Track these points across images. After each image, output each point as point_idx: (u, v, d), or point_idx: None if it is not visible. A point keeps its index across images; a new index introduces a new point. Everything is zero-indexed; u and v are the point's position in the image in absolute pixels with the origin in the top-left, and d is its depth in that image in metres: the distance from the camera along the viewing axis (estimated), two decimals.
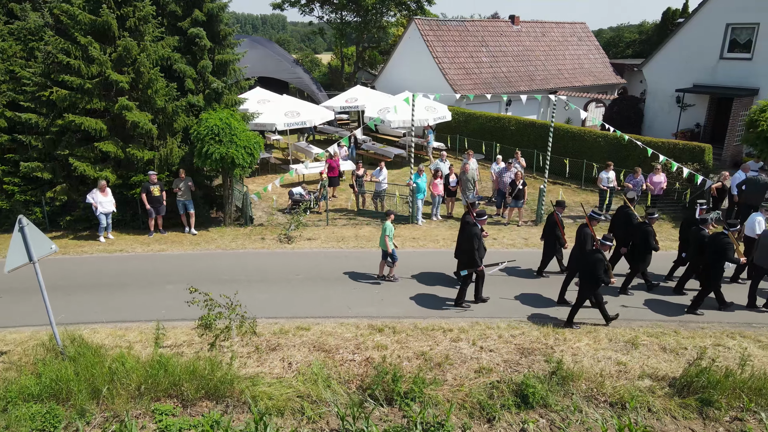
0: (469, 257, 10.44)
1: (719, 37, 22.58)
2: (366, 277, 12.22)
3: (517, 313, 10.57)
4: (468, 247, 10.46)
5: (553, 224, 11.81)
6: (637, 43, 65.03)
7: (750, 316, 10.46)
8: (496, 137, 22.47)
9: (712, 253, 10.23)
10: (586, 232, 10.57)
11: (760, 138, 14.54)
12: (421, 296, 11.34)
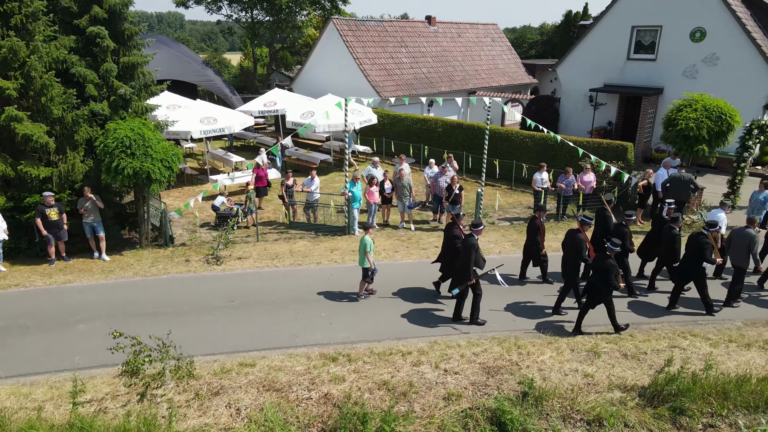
0: (463, 272, 9.79)
1: (626, 38, 23.71)
2: (304, 301, 11.29)
3: (476, 327, 10.13)
4: (463, 262, 9.76)
5: (534, 229, 11.48)
6: (539, 44, 68.11)
7: (696, 316, 10.70)
8: (423, 139, 22.17)
9: (691, 253, 10.24)
10: (579, 237, 10.25)
11: (679, 136, 15.17)
12: (371, 315, 10.60)
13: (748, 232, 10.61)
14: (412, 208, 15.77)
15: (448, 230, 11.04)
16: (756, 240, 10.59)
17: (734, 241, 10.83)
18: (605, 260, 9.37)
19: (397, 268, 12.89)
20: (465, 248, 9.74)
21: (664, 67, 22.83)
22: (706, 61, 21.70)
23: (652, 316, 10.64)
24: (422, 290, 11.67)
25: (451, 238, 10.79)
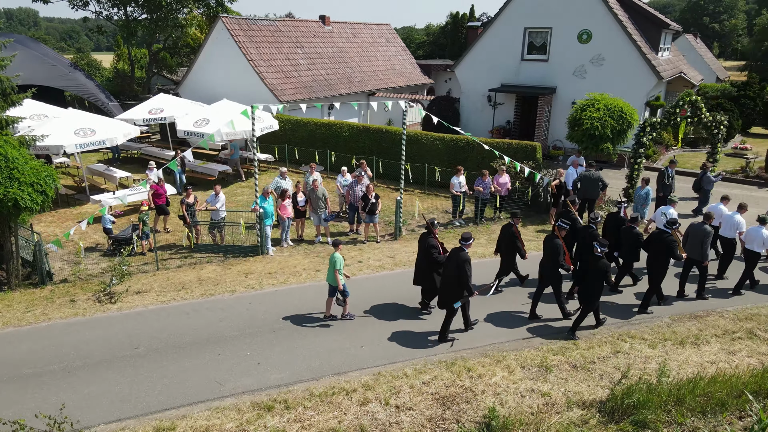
0: (461, 287, 9.17)
1: (519, 40, 24.37)
2: (224, 339, 9.91)
3: (417, 344, 9.40)
4: (459, 273, 9.09)
5: (512, 236, 10.99)
6: (426, 45, 69.63)
7: (636, 314, 10.80)
8: (329, 145, 21.17)
9: (657, 251, 10.34)
10: (557, 243, 10.00)
11: (586, 135, 15.58)
12: (303, 347, 9.50)
13: (704, 228, 10.89)
14: (328, 220, 14.77)
15: (423, 240, 10.24)
16: (710, 235, 10.92)
17: (691, 236, 11.07)
18: (599, 261, 9.35)
19: (321, 289, 11.83)
20: (460, 264, 9.08)
21: (556, 68, 23.76)
22: (594, 62, 22.85)
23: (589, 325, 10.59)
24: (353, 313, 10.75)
25: (428, 249, 10.05)
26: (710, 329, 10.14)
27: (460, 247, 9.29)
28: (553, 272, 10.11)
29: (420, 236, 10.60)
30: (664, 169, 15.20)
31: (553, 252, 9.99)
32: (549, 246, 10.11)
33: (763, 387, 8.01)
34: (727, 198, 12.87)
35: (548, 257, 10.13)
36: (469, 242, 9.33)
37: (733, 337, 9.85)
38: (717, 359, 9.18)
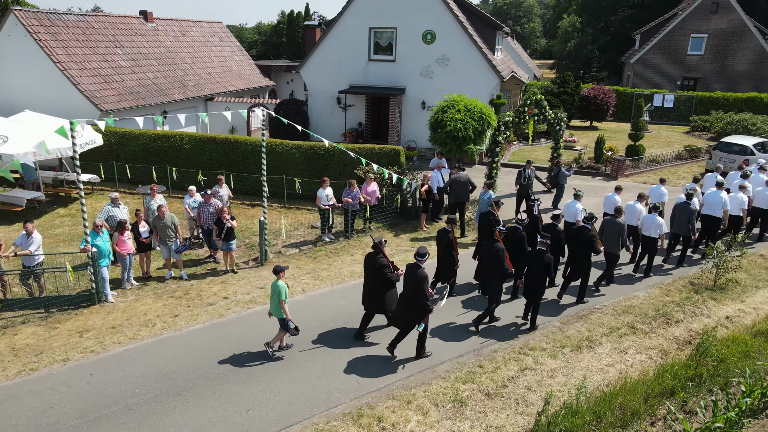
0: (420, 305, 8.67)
1: (365, 40, 23.80)
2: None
3: (316, 394, 8.01)
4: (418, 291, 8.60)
5: (448, 243, 10.55)
6: (259, 44, 66.88)
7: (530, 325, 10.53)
8: (168, 160, 18.49)
9: (579, 247, 10.61)
10: (498, 247, 9.75)
11: (449, 137, 15.35)
12: (168, 427, 7.55)
13: (618, 221, 11.23)
14: (180, 251, 12.55)
15: (371, 260, 9.36)
16: (625, 228, 11.36)
17: (606, 231, 11.39)
18: (543, 255, 9.55)
19: (184, 341, 9.81)
20: (419, 281, 8.59)
21: (404, 68, 23.63)
22: (439, 62, 23.11)
23: (486, 332, 10.10)
24: (227, 368, 8.97)
25: (380, 269, 9.23)
26: (597, 328, 10.25)
27: (416, 263, 8.74)
28: (495, 278, 9.86)
29: (366, 257, 9.58)
30: (522, 170, 15.54)
31: (496, 257, 9.72)
32: (490, 252, 9.80)
33: (667, 387, 8.09)
34: (620, 188, 13.31)
35: (490, 263, 9.83)
36: (425, 257, 8.77)
37: (619, 334, 10.04)
38: (613, 361, 9.22)
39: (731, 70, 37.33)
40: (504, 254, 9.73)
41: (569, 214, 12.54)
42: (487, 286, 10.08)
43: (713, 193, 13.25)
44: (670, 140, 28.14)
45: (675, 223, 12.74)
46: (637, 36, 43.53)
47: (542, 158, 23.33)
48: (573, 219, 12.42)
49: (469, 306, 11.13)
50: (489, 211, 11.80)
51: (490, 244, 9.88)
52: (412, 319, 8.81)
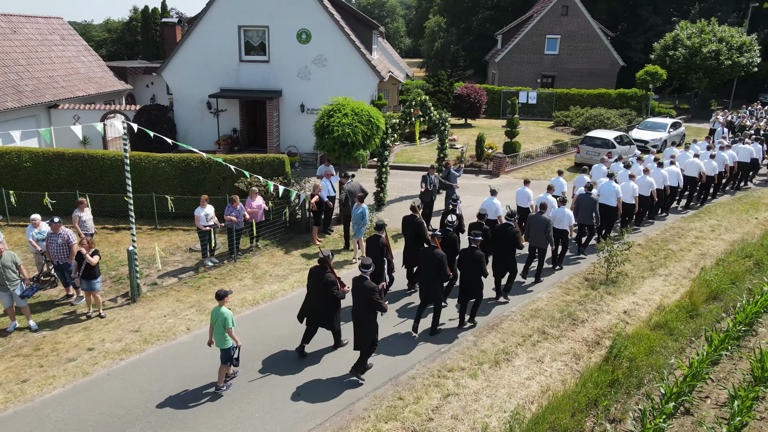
0: (370, 323, 8.35)
1: (234, 39, 22.03)
2: None
3: None
4: (372, 303, 8.18)
5: (382, 247, 10.24)
6: (109, 43, 60.85)
7: (438, 338, 9.92)
8: (4, 182, 15.47)
9: (503, 244, 10.69)
10: (439, 253, 9.49)
11: (338, 143, 14.42)
12: None
13: (544, 217, 11.45)
14: (27, 296, 10.27)
15: (317, 275, 8.73)
16: (551, 224, 11.62)
17: (532, 227, 11.60)
18: (475, 252, 9.60)
19: (37, 414, 7.87)
20: (368, 293, 8.14)
21: (279, 69, 22.24)
22: (316, 63, 22.06)
23: (404, 352, 9.34)
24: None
25: (326, 286, 8.63)
26: (510, 338, 9.97)
27: (362, 276, 8.30)
28: (437, 285, 9.63)
29: (311, 271, 8.93)
30: (426, 175, 15.06)
31: (438, 264, 9.42)
32: (430, 258, 9.51)
33: (590, 397, 7.90)
34: (528, 181, 14.13)
35: (430, 270, 9.54)
36: (370, 268, 8.39)
37: (532, 341, 9.84)
38: (532, 373, 8.93)
39: (582, 68, 40.60)
40: (445, 260, 9.54)
41: (493, 212, 12.51)
42: (430, 294, 9.73)
43: (607, 184, 13.97)
44: (539, 135, 29.73)
45: (579, 213, 13.21)
46: (499, 36, 45.85)
47: (427, 158, 23.31)
48: (493, 216, 12.40)
49: (405, 315, 10.69)
50: (412, 215, 11.26)
51: (431, 251, 9.57)
52: (367, 335, 8.41)
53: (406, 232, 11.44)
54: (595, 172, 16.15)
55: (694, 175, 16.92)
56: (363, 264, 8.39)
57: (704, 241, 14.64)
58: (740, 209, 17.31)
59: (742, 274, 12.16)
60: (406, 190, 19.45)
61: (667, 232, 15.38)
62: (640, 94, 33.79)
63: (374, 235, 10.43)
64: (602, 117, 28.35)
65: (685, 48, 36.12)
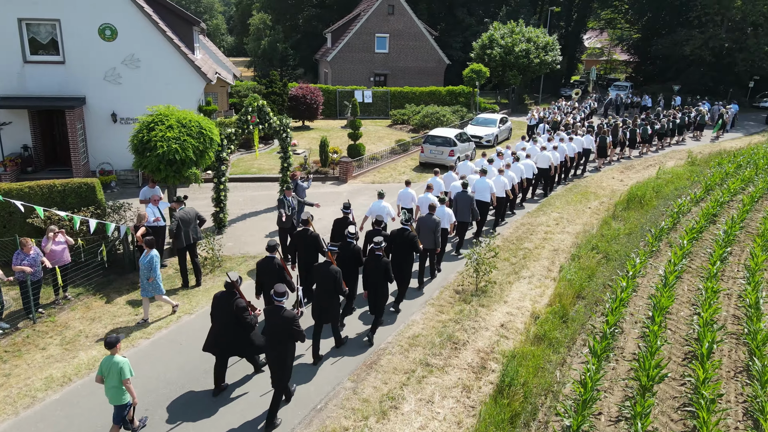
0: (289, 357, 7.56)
1: (15, 35, 17.81)
2: None
3: None
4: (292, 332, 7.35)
5: (278, 270, 9.09)
6: None
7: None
8: None
9: (401, 249, 10.30)
10: (335, 269, 8.81)
11: (164, 162, 11.98)
12: None
13: (433, 218, 11.26)
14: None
15: (224, 302, 7.94)
16: (440, 224, 11.50)
17: (422, 228, 11.34)
18: (380, 260, 9.28)
19: None
20: (287, 324, 7.31)
21: (79, 71, 18.49)
22: (127, 63, 18.77)
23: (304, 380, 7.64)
24: None
25: (238, 313, 7.86)
26: (393, 377, 8.80)
27: (277, 306, 7.35)
28: (333, 303, 8.96)
29: (216, 298, 8.07)
30: (281, 198, 13.12)
31: (335, 281, 8.75)
32: (327, 276, 8.75)
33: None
34: (409, 182, 13.70)
35: (326, 288, 8.81)
36: (285, 297, 7.39)
37: (417, 378, 8.78)
38: (425, 420, 7.85)
39: (412, 67, 41.48)
40: (341, 276, 8.86)
41: (373, 213, 11.90)
42: (325, 313, 8.97)
43: (480, 180, 14.16)
44: (379, 135, 29.36)
45: (458, 212, 13.11)
46: (328, 34, 44.99)
47: (269, 167, 21.39)
48: (386, 218, 11.88)
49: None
50: (304, 230, 10.39)
51: (326, 268, 8.83)
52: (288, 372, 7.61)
53: (300, 249, 10.42)
54: (462, 169, 16.25)
55: (546, 166, 18.07)
56: (277, 292, 7.35)
57: (553, 236, 15.03)
58: (575, 200, 18.34)
59: (595, 268, 12.48)
60: (249, 205, 17.42)
61: (519, 229, 15.57)
62: (467, 90, 35.33)
63: (267, 257, 9.18)
64: (438, 115, 28.86)
65: (500, 47, 38.65)
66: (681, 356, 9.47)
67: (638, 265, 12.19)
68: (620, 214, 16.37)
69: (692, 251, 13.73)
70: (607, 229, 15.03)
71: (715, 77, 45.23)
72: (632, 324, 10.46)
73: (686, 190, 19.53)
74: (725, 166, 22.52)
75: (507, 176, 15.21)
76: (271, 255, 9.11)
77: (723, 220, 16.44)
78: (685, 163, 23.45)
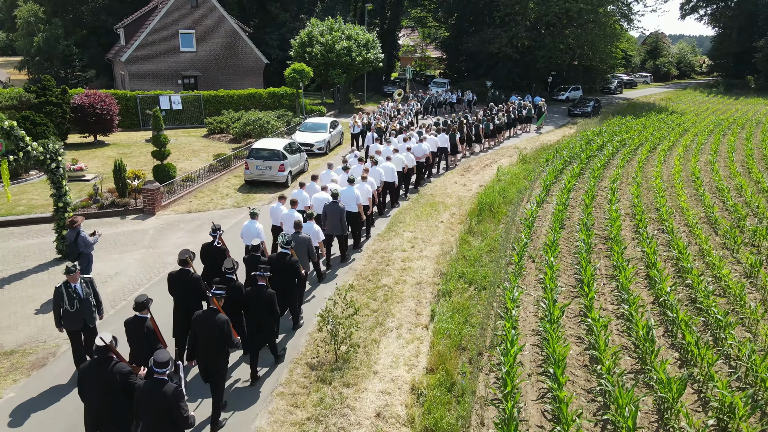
0: None
1: None
2: None
3: None
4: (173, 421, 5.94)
5: (148, 333, 7.14)
6: None
7: None
8: None
9: (281, 275, 9.19)
10: (222, 318, 7.15)
11: None
12: None
13: (302, 236, 10.36)
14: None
15: (100, 373, 6.15)
16: (312, 243, 10.52)
17: (297, 248, 10.00)
18: (264, 291, 8.11)
19: None
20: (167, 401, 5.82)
21: None
22: None
23: None
24: None
25: (124, 378, 6.22)
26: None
27: (159, 379, 5.79)
28: (221, 359, 7.28)
29: (85, 373, 6.25)
30: (61, 286, 8.88)
31: (220, 331, 7.11)
32: (211, 327, 7.13)
33: None
34: (284, 197, 12.12)
35: (210, 341, 7.16)
36: (168, 367, 5.85)
37: None
38: None
39: (226, 67, 37.28)
40: (230, 326, 7.30)
41: (249, 237, 10.57)
42: (211, 372, 7.34)
43: (347, 190, 13.01)
44: (194, 147, 25.14)
45: (327, 224, 12.25)
46: (121, 30, 38.55)
47: (44, 203, 16.29)
48: (252, 241, 10.34)
49: None
50: (184, 270, 8.54)
51: (210, 316, 7.25)
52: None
53: (176, 293, 8.65)
54: (324, 179, 14.56)
55: (399, 169, 16.82)
56: (157, 362, 5.82)
57: (412, 264, 13.02)
58: (424, 213, 16.68)
59: (468, 306, 10.65)
60: (11, 263, 12.66)
61: (374, 258, 13.30)
62: (290, 92, 32.45)
63: (134, 317, 7.29)
64: (262, 122, 25.50)
65: (320, 45, 36.41)
66: (594, 416, 7.91)
67: (516, 296, 10.61)
68: (475, 227, 15.00)
69: (559, 268, 12.70)
70: (468, 249, 13.46)
71: (521, 73, 48.42)
72: (530, 383, 8.71)
73: (528, 192, 19.12)
74: (554, 162, 22.94)
75: (369, 182, 14.08)
76: (141, 315, 7.22)
77: (574, 223, 16.05)
78: (517, 161, 23.47)
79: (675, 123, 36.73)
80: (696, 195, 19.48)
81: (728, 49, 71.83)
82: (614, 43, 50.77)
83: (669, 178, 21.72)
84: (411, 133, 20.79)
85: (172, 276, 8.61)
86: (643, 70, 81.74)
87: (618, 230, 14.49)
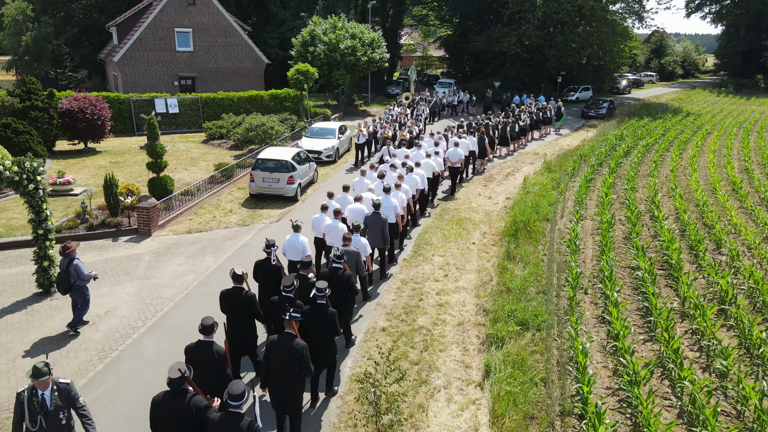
0: None
1: None
2: None
3: None
4: None
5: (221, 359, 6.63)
6: None
7: None
8: None
9: (338, 291, 8.49)
10: (300, 345, 6.60)
11: None
12: None
13: (353, 251, 9.47)
14: None
15: (175, 408, 5.76)
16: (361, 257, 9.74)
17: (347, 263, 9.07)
18: (326, 310, 7.48)
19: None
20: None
21: None
22: None
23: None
24: None
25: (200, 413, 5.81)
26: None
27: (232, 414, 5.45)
28: (300, 389, 6.79)
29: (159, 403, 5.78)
30: (23, 392, 7.19)
31: (300, 357, 6.55)
32: (289, 352, 6.54)
33: None
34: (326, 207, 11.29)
35: (289, 369, 6.58)
36: (241, 401, 5.50)
37: None
38: None
39: (225, 68, 35.42)
40: (308, 353, 6.59)
41: (294, 252, 10.00)
42: (288, 403, 6.70)
43: (384, 199, 12.08)
44: (192, 155, 23.33)
45: (369, 236, 11.21)
46: (113, 29, 36.62)
47: (23, 224, 14.46)
48: (299, 256, 9.68)
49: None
50: (238, 288, 7.87)
51: (289, 343, 6.54)
52: None
53: (229, 313, 7.99)
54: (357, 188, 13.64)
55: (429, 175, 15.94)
56: (233, 394, 5.33)
57: (449, 298, 11.29)
58: (452, 232, 14.95)
59: (527, 358, 8.93)
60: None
61: (404, 291, 11.56)
62: (294, 94, 30.65)
63: (199, 341, 6.62)
64: (266, 127, 23.65)
65: (324, 44, 34.62)
66: None
67: (586, 346, 8.88)
68: (514, 251, 13.28)
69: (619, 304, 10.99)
70: (510, 279, 11.74)
71: (530, 73, 46.70)
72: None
73: (561, 206, 17.43)
74: (582, 170, 21.28)
75: (403, 191, 13.06)
76: (208, 339, 6.68)
77: (618, 242, 14.36)
78: (542, 169, 21.77)
79: (695, 125, 35.14)
80: (742, 207, 17.85)
81: (736, 48, 70.28)
82: (625, 42, 49.17)
83: (706, 186, 20.11)
84: (439, 136, 19.23)
85: (226, 294, 8.06)
86: (647, 69, 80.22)
87: (678, 254, 12.80)
